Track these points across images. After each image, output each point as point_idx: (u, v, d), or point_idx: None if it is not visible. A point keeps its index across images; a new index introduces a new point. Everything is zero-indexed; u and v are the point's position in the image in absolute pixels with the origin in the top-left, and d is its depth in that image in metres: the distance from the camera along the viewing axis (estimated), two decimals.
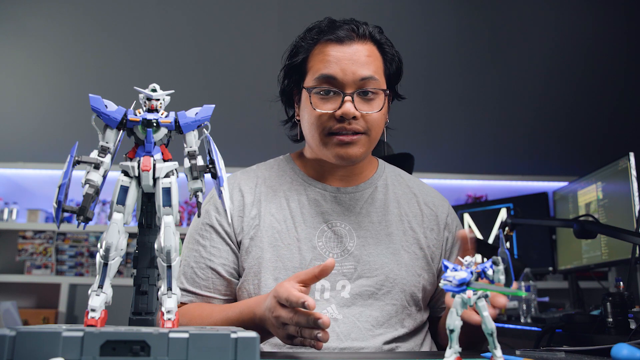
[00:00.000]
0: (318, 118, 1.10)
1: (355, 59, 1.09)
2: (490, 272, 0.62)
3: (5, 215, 3.36)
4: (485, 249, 1.66)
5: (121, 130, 0.71)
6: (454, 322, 0.62)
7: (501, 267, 0.62)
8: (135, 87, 0.70)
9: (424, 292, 1.14)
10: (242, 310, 0.99)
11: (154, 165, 0.69)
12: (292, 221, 1.13)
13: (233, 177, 1.21)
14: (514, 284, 0.65)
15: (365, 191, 1.19)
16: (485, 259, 1.25)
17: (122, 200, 0.68)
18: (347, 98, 1.07)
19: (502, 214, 2.64)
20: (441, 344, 1.21)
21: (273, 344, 1.06)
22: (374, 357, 0.94)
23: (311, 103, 1.10)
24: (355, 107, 1.07)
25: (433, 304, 1.21)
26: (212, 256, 1.11)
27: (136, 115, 0.70)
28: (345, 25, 1.12)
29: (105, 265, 0.66)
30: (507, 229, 1.40)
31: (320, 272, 0.87)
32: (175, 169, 0.71)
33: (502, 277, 0.62)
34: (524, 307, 2.06)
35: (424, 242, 1.17)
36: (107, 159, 0.69)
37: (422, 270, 1.15)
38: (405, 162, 1.73)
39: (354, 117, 1.07)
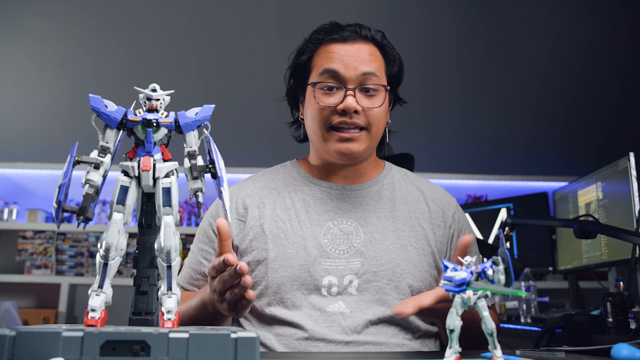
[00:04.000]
0: (320, 112, 1.13)
1: (358, 56, 1.13)
2: (490, 272, 0.62)
3: (5, 215, 3.36)
4: (485, 249, 1.66)
5: (121, 130, 0.71)
6: (454, 322, 0.62)
7: (501, 267, 0.62)
8: (135, 87, 0.70)
9: (431, 289, 1.13)
10: (197, 300, 1.04)
11: (154, 165, 0.69)
12: (297, 220, 1.15)
13: (236, 186, 1.23)
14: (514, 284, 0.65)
15: (372, 188, 1.21)
16: (485, 259, 1.24)
17: (122, 200, 0.68)
18: (350, 92, 1.11)
19: (502, 214, 2.64)
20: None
21: (285, 345, 1.06)
22: (374, 356, 0.94)
23: (315, 97, 1.13)
24: (357, 102, 1.10)
25: None
26: (203, 259, 1.17)
27: (136, 115, 0.70)
28: (349, 27, 1.17)
29: (105, 265, 0.66)
30: (507, 229, 1.40)
31: (220, 234, 0.87)
32: (175, 169, 0.71)
33: (502, 277, 0.62)
34: (524, 307, 2.06)
35: (432, 239, 1.17)
36: (107, 159, 0.69)
37: (429, 266, 1.15)
38: (406, 163, 1.73)
39: (356, 112, 1.11)
